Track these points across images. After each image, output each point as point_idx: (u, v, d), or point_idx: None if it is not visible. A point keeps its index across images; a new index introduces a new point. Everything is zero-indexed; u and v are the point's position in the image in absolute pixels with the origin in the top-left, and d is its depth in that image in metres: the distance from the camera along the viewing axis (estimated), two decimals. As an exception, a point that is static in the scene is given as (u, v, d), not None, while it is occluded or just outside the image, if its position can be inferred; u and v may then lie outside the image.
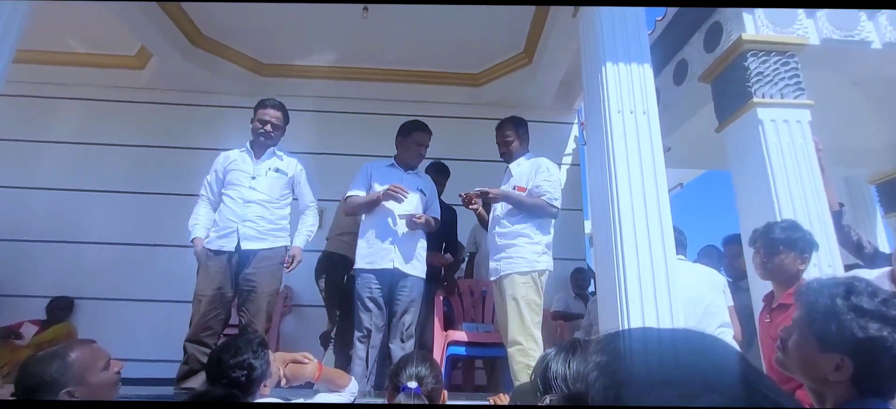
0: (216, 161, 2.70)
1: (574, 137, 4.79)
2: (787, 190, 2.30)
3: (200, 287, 2.47)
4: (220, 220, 2.54)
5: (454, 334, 2.89)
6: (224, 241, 2.49)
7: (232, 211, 2.52)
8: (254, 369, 1.49)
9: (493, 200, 2.60)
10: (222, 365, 1.48)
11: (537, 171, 2.54)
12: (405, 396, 1.32)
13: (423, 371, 1.37)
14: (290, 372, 1.65)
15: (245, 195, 2.55)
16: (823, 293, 1.00)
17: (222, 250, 2.49)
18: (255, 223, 2.52)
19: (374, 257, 2.53)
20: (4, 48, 2.22)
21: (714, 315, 2.27)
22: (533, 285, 2.40)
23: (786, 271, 1.75)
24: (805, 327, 1.01)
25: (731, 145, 2.65)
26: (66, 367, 1.26)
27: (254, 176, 2.60)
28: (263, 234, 2.54)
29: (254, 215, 2.52)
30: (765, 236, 1.79)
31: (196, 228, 2.57)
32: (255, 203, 2.54)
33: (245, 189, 2.56)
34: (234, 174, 2.60)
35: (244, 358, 1.48)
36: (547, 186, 2.50)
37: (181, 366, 2.43)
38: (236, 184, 2.58)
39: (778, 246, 1.75)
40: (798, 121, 2.43)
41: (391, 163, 2.79)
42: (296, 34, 4.05)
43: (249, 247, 2.50)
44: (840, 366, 0.94)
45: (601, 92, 2.43)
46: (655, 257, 2.17)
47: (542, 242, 2.51)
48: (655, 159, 2.32)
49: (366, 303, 2.50)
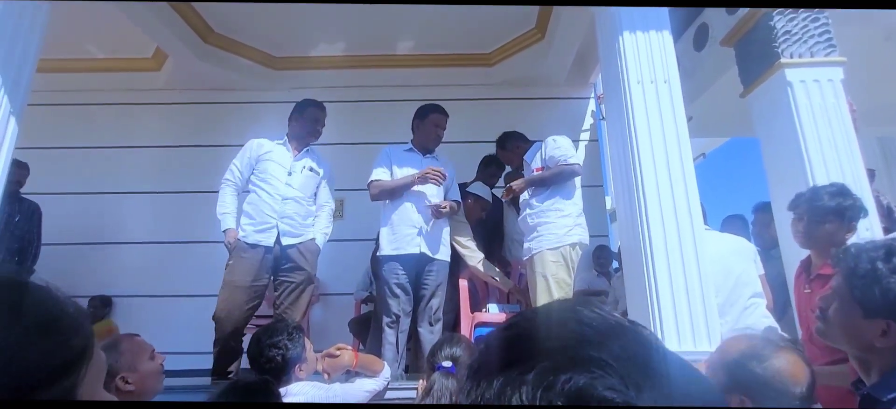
0: (248, 147, 2.68)
1: (591, 111, 4.69)
2: (820, 154, 2.22)
3: (236, 277, 2.46)
4: (257, 213, 2.55)
5: (480, 315, 2.91)
6: (262, 236, 2.51)
7: (270, 206, 2.55)
8: (289, 350, 1.60)
9: (521, 191, 2.67)
10: (261, 346, 1.60)
11: (546, 149, 2.62)
12: (440, 374, 1.36)
13: (458, 352, 1.41)
14: (329, 365, 1.72)
15: (282, 192, 2.58)
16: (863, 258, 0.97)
17: (260, 244, 2.51)
18: (292, 219, 2.57)
19: (399, 243, 2.56)
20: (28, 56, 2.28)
21: (746, 285, 2.22)
22: (563, 263, 2.43)
23: (830, 241, 1.65)
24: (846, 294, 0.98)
25: (757, 110, 2.56)
26: (119, 355, 1.38)
27: (290, 172, 2.63)
28: (299, 228, 2.60)
29: (292, 211, 2.58)
30: (811, 203, 1.68)
31: (227, 217, 2.58)
32: (291, 200, 2.59)
33: (282, 185, 2.59)
34: (269, 165, 2.61)
35: (280, 339, 1.60)
36: (557, 153, 2.57)
37: (218, 355, 2.48)
38: (272, 178, 2.59)
39: (826, 215, 1.65)
40: (830, 80, 2.32)
41: (409, 148, 2.80)
42: (305, 26, 4.05)
43: (289, 242, 2.55)
44: (886, 331, 0.91)
45: (619, 62, 2.37)
46: (683, 229, 2.13)
47: (571, 212, 2.55)
48: (679, 129, 2.26)
49: (393, 289, 2.54)
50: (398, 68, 4.48)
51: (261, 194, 2.58)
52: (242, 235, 2.53)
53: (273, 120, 2.95)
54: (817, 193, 1.70)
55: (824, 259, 1.66)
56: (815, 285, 1.66)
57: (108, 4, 3.36)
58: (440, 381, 1.36)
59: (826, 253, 1.66)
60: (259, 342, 1.59)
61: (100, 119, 4.50)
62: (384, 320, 2.55)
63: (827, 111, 2.27)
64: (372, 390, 1.83)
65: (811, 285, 1.69)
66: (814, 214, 1.67)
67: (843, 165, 2.19)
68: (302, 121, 2.70)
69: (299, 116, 2.72)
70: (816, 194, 1.70)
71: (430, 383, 1.37)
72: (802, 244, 1.73)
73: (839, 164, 2.20)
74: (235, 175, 2.65)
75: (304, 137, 2.71)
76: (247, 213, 2.58)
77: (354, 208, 4.38)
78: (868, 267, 0.96)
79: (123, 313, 4.10)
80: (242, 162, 2.65)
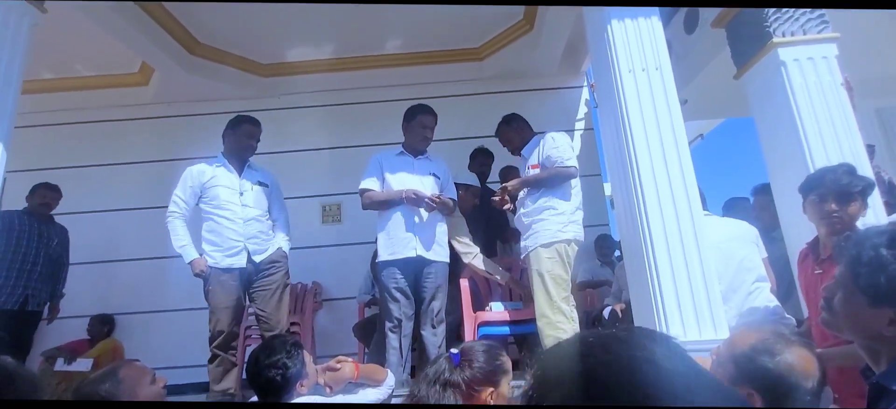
0: (187, 176, 2.68)
1: (585, 100, 4.65)
2: (818, 132, 2.18)
3: (220, 300, 2.53)
4: (221, 240, 2.58)
5: (483, 314, 2.89)
6: (234, 259, 2.58)
7: (233, 231, 2.59)
8: (288, 368, 1.56)
9: (515, 190, 2.64)
10: (259, 366, 1.56)
11: (544, 145, 2.58)
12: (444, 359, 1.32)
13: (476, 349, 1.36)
14: (330, 379, 1.69)
15: (241, 214, 2.62)
16: (866, 245, 0.94)
17: (233, 267, 2.57)
18: (257, 238, 2.65)
19: (395, 247, 2.54)
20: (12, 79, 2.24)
21: (749, 270, 2.20)
22: (558, 259, 2.40)
23: (854, 220, 1.64)
24: (850, 283, 0.95)
25: (752, 91, 2.53)
26: (118, 383, 1.36)
27: (241, 192, 2.66)
28: (264, 243, 2.67)
29: (255, 230, 2.64)
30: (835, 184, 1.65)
31: (187, 248, 2.59)
32: (253, 220, 2.65)
33: (239, 208, 2.62)
34: (219, 190, 2.61)
35: (278, 358, 1.56)
36: (555, 154, 2.51)
37: (214, 369, 2.54)
38: (226, 202, 2.61)
39: (853, 194, 1.63)
40: (824, 57, 2.29)
41: (400, 151, 2.77)
42: (291, 31, 4.00)
43: (259, 259, 2.64)
44: (894, 319, 0.89)
45: (609, 52, 2.33)
46: (681, 217, 2.11)
47: (566, 210, 2.51)
48: (672, 115, 2.23)
49: (393, 294, 2.52)
50: (388, 68, 4.44)
51: (220, 221, 2.59)
52: (213, 262, 2.55)
53: (264, 128, 2.92)
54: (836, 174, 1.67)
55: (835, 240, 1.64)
56: (826, 266, 1.64)
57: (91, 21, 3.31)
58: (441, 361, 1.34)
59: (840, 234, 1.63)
60: (257, 362, 1.55)
61: (89, 137, 4.47)
62: (386, 326, 2.54)
63: (822, 89, 2.23)
64: (376, 399, 1.81)
65: (822, 266, 1.66)
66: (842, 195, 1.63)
67: (841, 142, 2.16)
68: (236, 137, 2.69)
69: (232, 133, 2.71)
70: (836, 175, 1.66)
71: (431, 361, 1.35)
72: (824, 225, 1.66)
73: (837, 141, 2.17)
74: (181, 206, 2.64)
75: (239, 152, 2.70)
76: (209, 240, 2.59)
77: (352, 211, 4.36)
78: (872, 254, 0.93)
79: (124, 331, 4.08)
80: (185, 193, 2.65)
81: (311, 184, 4.37)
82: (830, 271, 1.57)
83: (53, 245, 3.45)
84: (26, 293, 3.26)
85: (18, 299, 3.22)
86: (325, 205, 4.44)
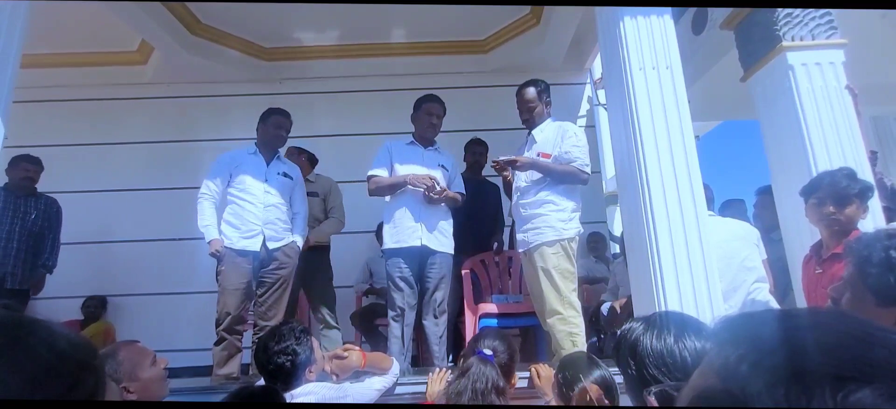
0: (220, 161, 2.78)
1: (587, 97, 4.67)
2: (822, 137, 2.22)
3: (231, 281, 2.57)
4: (241, 223, 2.65)
5: (484, 306, 2.91)
6: (249, 242, 2.63)
7: (253, 214, 2.65)
8: (298, 354, 1.56)
9: (520, 169, 2.53)
10: (268, 352, 1.55)
11: (563, 136, 2.47)
12: (479, 359, 1.37)
13: (499, 346, 1.46)
14: (337, 367, 1.70)
15: (263, 200, 2.68)
16: (876, 247, 0.97)
17: (247, 250, 2.62)
18: (275, 224, 2.69)
19: (401, 236, 2.53)
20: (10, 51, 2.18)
21: (749, 270, 2.24)
22: (563, 254, 2.38)
23: (852, 222, 1.70)
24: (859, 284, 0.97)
25: (759, 94, 2.56)
26: (118, 364, 1.34)
27: (266, 179, 2.72)
28: (281, 232, 2.72)
29: (274, 216, 2.69)
30: (833, 187, 1.71)
31: (209, 229, 2.66)
32: (273, 206, 2.70)
33: (262, 193, 2.69)
34: (246, 177, 2.70)
35: (288, 345, 1.56)
36: (577, 152, 2.43)
37: (219, 353, 2.54)
38: (251, 187, 2.69)
39: (850, 197, 1.69)
40: (831, 62, 2.32)
41: (410, 141, 2.76)
42: (294, 15, 3.95)
43: (274, 246, 2.68)
44: None
45: (620, 49, 2.33)
46: (686, 215, 2.13)
47: (568, 208, 2.47)
48: (681, 115, 2.24)
49: (397, 283, 2.52)
50: (391, 57, 4.40)
51: (243, 204, 2.66)
52: (228, 242, 2.62)
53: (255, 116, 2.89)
54: (835, 178, 1.74)
55: (838, 240, 1.68)
56: (827, 265, 1.68)
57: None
58: (478, 365, 1.38)
59: (840, 234, 1.68)
60: (266, 349, 1.55)
61: (84, 115, 4.38)
62: (389, 314, 2.54)
63: (828, 94, 2.27)
64: (382, 388, 1.82)
65: (823, 266, 1.71)
66: (839, 197, 1.69)
67: (844, 147, 2.20)
68: (265, 128, 2.79)
69: (263, 124, 2.81)
70: (835, 178, 1.72)
71: (466, 364, 1.38)
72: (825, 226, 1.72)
73: (841, 146, 2.20)
74: (212, 189, 2.72)
75: (269, 143, 2.79)
76: (229, 222, 2.67)
77: (352, 200, 4.33)
78: (883, 256, 0.95)
79: (118, 313, 4.04)
80: (215, 178, 2.73)
81: (311, 171, 4.34)
82: (831, 271, 1.61)
83: (31, 219, 3.34)
84: (3, 272, 3.18)
85: None
86: (324, 193, 4.41)
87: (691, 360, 0.74)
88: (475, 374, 1.34)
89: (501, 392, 1.35)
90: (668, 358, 0.75)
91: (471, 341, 1.56)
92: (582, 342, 2.32)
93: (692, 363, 0.74)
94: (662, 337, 0.77)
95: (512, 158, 2.50)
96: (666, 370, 0.75)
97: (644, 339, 0.79)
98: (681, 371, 0.73)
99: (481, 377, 1.34)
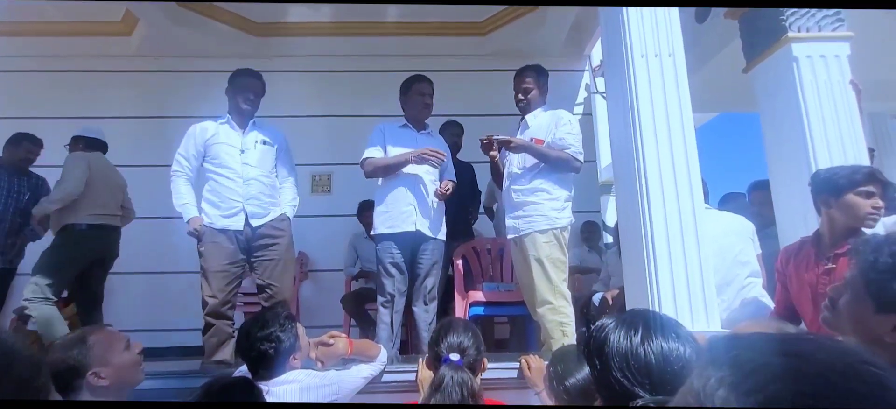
0: (190, 134, 2.56)
1: (585, 85, 4.60)
2: (823, 132, 2.17)
3: (211, 263, 2.43)
4: (220, 200, 2.47)
5: (475, 294, 2.87)
6: (230, 220, 2.45)
7: (232, 190, 2.47)
8: (281, 341, 1.51)
9: (514, 151, 2.47)
10: (251, 339, 1.50)
11: (558, 123, 2.42)
12: (448, 368, 1.31)
13: (466, 342, 1.39)
14: (323, 354, 1.65)
15: (242, 173, 2.49)
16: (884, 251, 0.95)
17: (229, 229, 2.45)
18: (258, 199, 2.50)
19: (394, 220, 2.47)
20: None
21: (743, 265, 2.21)
22: (556, 243, 2.34)
23: None
24: (861, 287, 0.96)
25: (761, 86, 2.50)
26: (87, 349, 1.28)
27: (243, 150, 2.52)
28: (266, 206, 2.52)
29: (256, 191, 2.49)
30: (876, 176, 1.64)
31: (187, 207, 2.49)
32: (254, 180, 2.50)
33: (239, 166, 2.49)
34: (221, 149, 2.50)
35: (271, 331, 1.51)
36: (571, 139, 2.38)
37: (208, 340, 2.43)
38: (227, 160, 2.49)
39: None
40: (836, 55, 2.26)
41: (404, 123, 2.68)
42: (288, -11, 3.82)
43: (258, 223, 2.49)
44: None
45: (623, 35, 2.26)
46: (683, 208, 2.08)
47: (561, 196, 2.43)
48: (682, 104, 2.18)
49: (388, 268, 2.47)
50: (386, 36, 4.28)
51: (220, 180, 2.48)
52: (208, 221, 2.46)
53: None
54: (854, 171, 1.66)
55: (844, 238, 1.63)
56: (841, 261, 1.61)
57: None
58: (450, 375, 1.32)
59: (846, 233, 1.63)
60: (249, 335, 1.50)
61: (66, 87, 4.22)
62: (379, 300, 2.50)
63: (832, 89, 2.22)
64: (368, 375, 1.78)
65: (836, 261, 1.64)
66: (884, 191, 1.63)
67: (845, 144, 2.16)
68: (232, 91, 2.57)
69: (231, 87, 2.58)
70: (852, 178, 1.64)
71: (438, 378, 1.32)
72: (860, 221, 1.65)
73: (841, 143, 2.16)
74: (183, 165, 2.53)
75: (238, 108, 2.55)
76: (209, 200, 2.50)
77: (342, 182, 4.26)
78: (889, 262, 0.93)
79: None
80: (188, 151, 2.53)
81: (300, 152, 4.20)
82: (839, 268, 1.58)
83: (25, 199, 3.26)
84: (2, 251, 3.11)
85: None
86: (314, 175, 4.33)
87: (656, 361, 0.71)
88: (449, 387, 1.29)
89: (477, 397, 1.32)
90: (632, 360, 0.73)
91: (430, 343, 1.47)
92: (572, 333, 2.29)
93: (656, 365, 0.71)
94: (629, 337, 0.75)
95: (507, 138, 2.43)
96: (629, 371, 0.72)
97: (612, 338, 0.76)
98: (643, 373, 0.71)
99: (455, 387, 1.29)
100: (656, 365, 0.71)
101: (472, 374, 1.35)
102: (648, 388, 0.70)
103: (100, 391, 1.28)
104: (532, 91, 2.53)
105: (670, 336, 0.74)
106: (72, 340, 1.32)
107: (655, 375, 0.71)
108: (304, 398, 1.52)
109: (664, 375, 0.70)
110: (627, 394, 0.71)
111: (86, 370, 1.26)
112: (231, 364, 2.46)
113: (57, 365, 1.25)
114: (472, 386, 1.33)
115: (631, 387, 0.71)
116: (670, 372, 0.71)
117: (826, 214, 1.72)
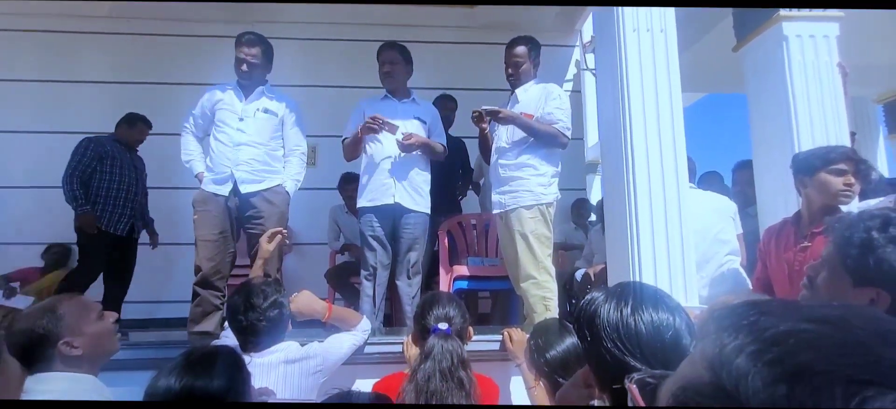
0: (203, 97, 2.57)
1: (575, 61, 4.55)
2: (808, 113, 2.19)
3: (203, 232, 2.40)
4: (214, 164, 2.46)
5: (459, 268, 2.88)
6: (219, 186, 2.43)
7: (223, 155, 2.43)
8: (284, 306, 1.55)
9: (501, 122, 2.43)
10: (237, 310, 1.50)
11: (548, 98, 2.38)
12: (436, 337, 1.33)
13: (452, 312, 1.39)
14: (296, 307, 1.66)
15: (234, 138, 2.44)
16: (859, 227, 0.96)
17: (217, 194, 2.42)
18: (249, 165, 2.43)
19: (374, 193, 2.44)
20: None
21: (723, 243, 2.25)
22: (541, 218, 2.34)
23: None
24: (837, 263, 0.97)
25: (749, 65, 2.50)
26: (58, 319, 1.24)
27: (242, 117, 2.47)
28: (260, 174, 2.46)
29: (247, 157, 2.43)
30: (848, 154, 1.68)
31: (193, 162, 2.52)
32: (245, 145, 2.44)
33: (233, 132, 2.45)
34: (222, 114, 2.48)
35: (258, 301, 1.50)
36: (559, 114, 2.35)
37: (194, 309, 2.40)
38: (224, 125, 2.47)
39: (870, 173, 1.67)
40: (825, 35, 2.27)
41: (385, 95, 2.62)
42: (271, -50, 3.65)
43: (248, 190, 2.43)
44: (874, 300, 0.91)
45: (615, 9, 2.23)
46: (668, 186, 2.10)
47: (548, 172, 2.42)
48: (671, 82, 2.18)
49: (369, 242, 2.45)
50: (374, 3, 4.14)
51: (215, 145, 2.49)
52: (205, 185, 2.46)
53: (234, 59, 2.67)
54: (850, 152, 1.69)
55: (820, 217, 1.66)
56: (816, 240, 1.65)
57: None
58: (440, 345, 1.33)
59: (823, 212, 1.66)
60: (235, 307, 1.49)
61: (32, 48, 4.02)
62: (362, 273, 2.48)
63: (819, 70, 2.23)
64: (352, 345, 1.77)
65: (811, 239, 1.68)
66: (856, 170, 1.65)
67: (828, 125, 2.19)
68: (235, 57, 2.51)
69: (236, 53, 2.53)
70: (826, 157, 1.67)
71: (428, 347, 1.33)
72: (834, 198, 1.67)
73: (825, 125, 2.19)
74: (191, 122, 2.57)
75: (237, 74, 2.51)
76: (207, 165, 2.51)
77: (327, 154, 4.18)
78: (864, 236, 0.95)
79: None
80: (200, 111, 2.56)
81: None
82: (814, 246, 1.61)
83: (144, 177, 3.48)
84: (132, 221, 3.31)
85: (126, 226, 3.26)
86: (298, 146, 4.23)
87: (646, 331, 0.73)
88: (439, 354, 1.31)
89: (466, 365, 1.33)
90: (623, 330, 0.74)
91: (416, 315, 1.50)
92: (555, 307, 2.32)
93: (646, 335, 0.73)
94: (620, 308, 0.76)
95: (495, 109, 2.39)
96: (620, 341, 0.73)
97: (602, 310, 0.77)
98: (634, 344, 0.73)
99: (446, 355, 1.31)
100: (647, 335, 0.72)
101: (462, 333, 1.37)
102: (639, 357, 0.71)
103: (73, 361, 1.24)
104: (524, 64, 2.47)
105: (660, 307, 0.75)
106: (41, 309, 1.28)
107: (646, 345, 0.72)
108: (288, 370, 1.51)
109: (654, 344, 0.72)
110: (619, 363, 0.72)
111: (56, 339, 1.22)
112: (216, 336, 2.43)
113: (26, 335, 1.22)
114: (462, 354, 1.34)
115: (622, 357, 0.72)
116: (660, 342, 0.72)
117: (804, 193, 1.75)
